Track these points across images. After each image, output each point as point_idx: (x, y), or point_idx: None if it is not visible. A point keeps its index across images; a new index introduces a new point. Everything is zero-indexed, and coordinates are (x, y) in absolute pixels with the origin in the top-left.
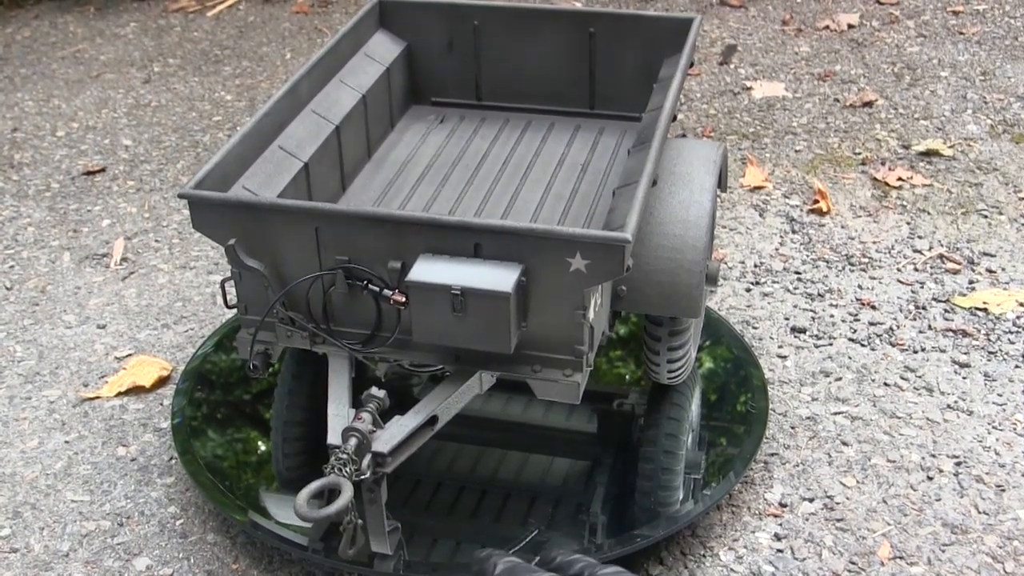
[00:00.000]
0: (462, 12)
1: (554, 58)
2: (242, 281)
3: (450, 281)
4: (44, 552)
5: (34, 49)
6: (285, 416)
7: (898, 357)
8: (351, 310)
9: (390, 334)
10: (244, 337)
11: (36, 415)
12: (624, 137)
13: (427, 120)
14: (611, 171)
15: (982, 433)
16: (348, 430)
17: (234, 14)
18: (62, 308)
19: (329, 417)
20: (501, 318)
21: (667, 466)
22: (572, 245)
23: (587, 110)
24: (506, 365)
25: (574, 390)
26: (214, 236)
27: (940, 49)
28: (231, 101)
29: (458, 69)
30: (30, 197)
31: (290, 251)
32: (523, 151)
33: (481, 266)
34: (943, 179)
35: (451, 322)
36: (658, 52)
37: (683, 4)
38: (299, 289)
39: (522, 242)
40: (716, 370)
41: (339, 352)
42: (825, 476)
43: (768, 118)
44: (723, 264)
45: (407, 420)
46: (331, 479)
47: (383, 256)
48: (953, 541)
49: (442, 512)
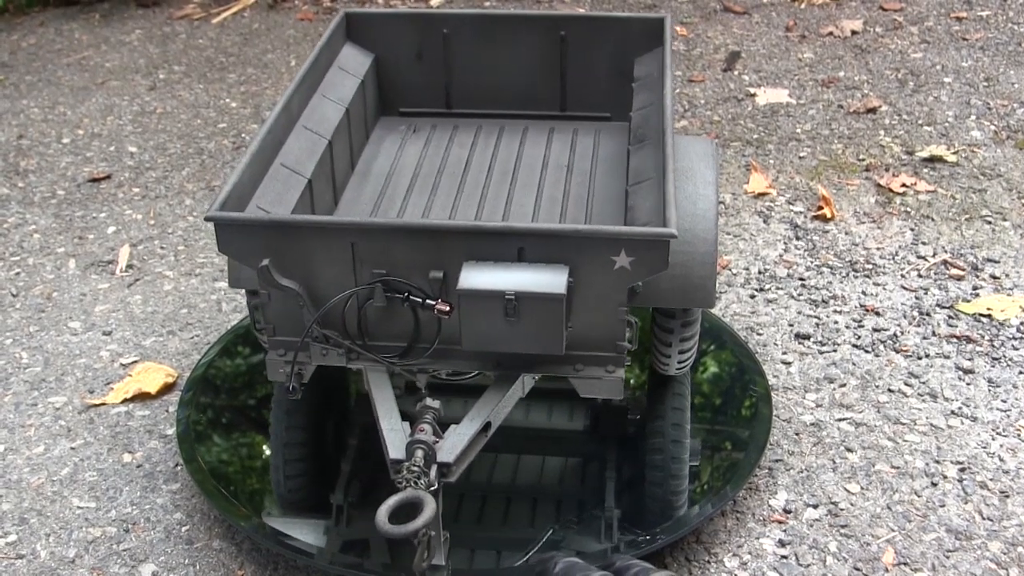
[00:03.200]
0: (431, 21)
1: (525, 62)
2: (271, 302)
3: (503, 287)
4: (50, 558)
5: (40, 56)
6: (285, 438)
7: (902, 363)
8: (386, 323)
9: (429, 345)
10: (275, 359)
11: (42, 422)
12: (599, 137)
13: (399, 131)
14: (596, 171)
15: (986, 439)
16: (414, 443)
17: (239, 21)
18: (68, 315)
19: (384, 432)
20: (554, 320)
21: (676, 455)
22: (617, 243)
23: (558, 112)
24: (548, 366)
25: (617, 386)
26: (243, 258)
27: (944, 55)
28: (236, 108)
29: (427, 78)
30: (36, 204)
31: (324, 268)
32: (504, 156)
33: (530, 270)
34: (947, 185)
35: (503, 327)
36: (628, 52)
37: (687, 10)
38: (335, 305)
39: (566, 243)
40: (720, 376)
41: (376, 367)
42: (829, 482)
43: (772, 124)
44: (728, 271)
45: (464, 429)
46: (411, 493)
47: (423, 267)
48: (957, 547)
49: (447, 520)
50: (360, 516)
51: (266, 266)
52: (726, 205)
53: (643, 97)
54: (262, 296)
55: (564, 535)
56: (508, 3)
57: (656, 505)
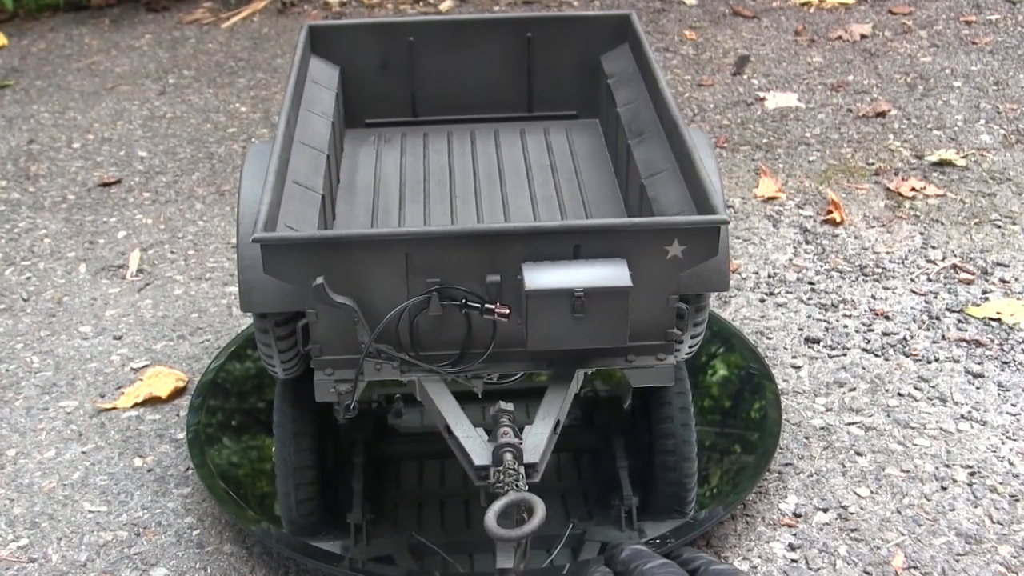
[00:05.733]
0: (396, 30)
1: (491, 66)
2: (319, 321)
3: (571, 284)
4: (62, 562)
5: (50, 61)
6: (295, 462)
7: (912, 367)
8: (436, 332)
9: (482, 350)
10: (324, 380)
11: (53, 426)
12: (571, 135)
13: (370, 142)
14: (580, 168)
15: (996, 443)
16: (501, 447)
17: (248, 26)
18: (78, 319)
19: (462, 440)
20: (621, 313)
21: (686, 439)
22: (670, 233)
23: (526, 113)
24: (602, 359)
25: (669, 372)
26: (293, 278)
27: (953, 59)
28: (246, 113)
29: (392, 88)
30: (46, 209)
31: (378, 281)
32: (485, 160)
33: (593, 266)
34: (956, 189)
35: (570, 325)
36: (594, 50)
37: (696, 14)
38: (390, 318)
39: (621, 237)
40: (730, 380)
41: (430, 377)
42: (839, 486)
43: (781, 128)
44: (737, 275)
45: (540, 428)
46: (517, 496)
47: (478, 272)
48: (967, 551)
49: (460, 527)
50: (380, 533)
51: (321, 284)
52: (735, 209)
53: (626, 92)
54: (309, 316)
55: (584, 528)
56: (518, 7)
57: (671, 489)
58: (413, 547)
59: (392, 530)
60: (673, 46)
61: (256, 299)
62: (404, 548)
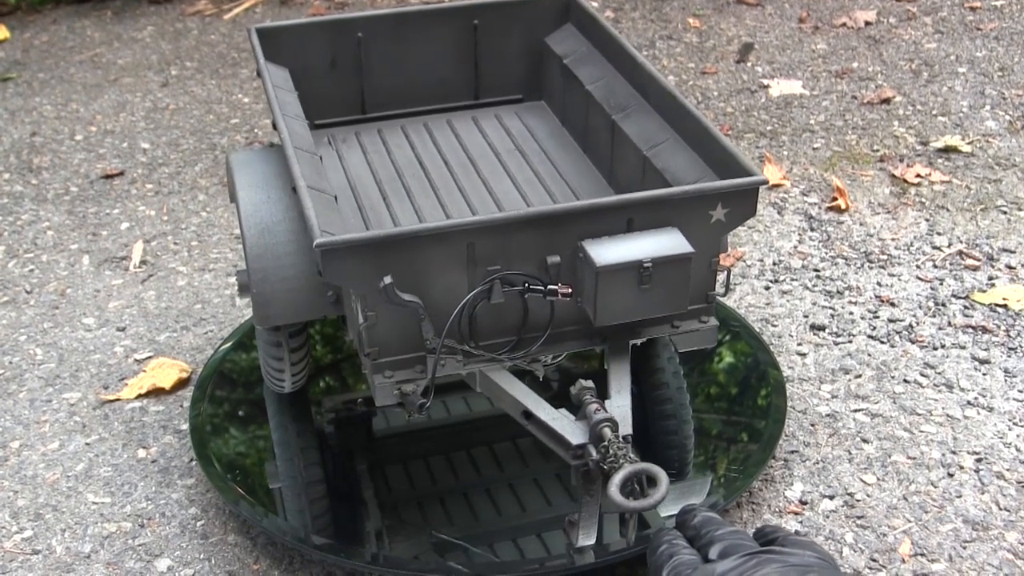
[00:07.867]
0: (344, 27)
1: (438, 56)
2: (378, 323)
3: (639, 256)
4: (66, 553)
5: (52, 54)
6: (306, 478)
7: (918, 354)
8: (493, 321)
9: (540, 333)
10: (385, 383)
11: (57, 417)
12: (524, 118)
13: (324, 144)
14: (547, 148)
15: (1003, 429)
16: (599, 423)
17: (251, 17)
18: (82, 311)
19: (549, 422)
20: (684, 279)
21: (682, 401)
22: (715, 198)
23: (473, 101)
24: (651, 328)
25: (712, 334)
26: (356, 282)
27: (958, 45)
28: (249, 104)
29: (339, 86)
30: (49, 201)
31: (441, 275)
32: (449, 150)
33: (651, 236)
34: (962, 175)
35: (637, 296)
36: (538, 32)
37: (700, 2)
38: (446, 312)
39: (670, 205)
40: (735, 367)
41: (492, 366)
42: (845, 473)
43: (786, 116)
44: (742, 262)
45: (620, 401)
46: (638, 466)
47: (537, 255)
48: (974, 538)
49: (467, 520)
50: (402, 538)
51: (391, 284)
52: None
53: (590, 70)
54: (369, 318)
55: None
56: None
57: (674, 452)
58: (436, 545)
59: (413, 532)
60: (677, 34)
61: (273, 312)
62: (427, 547)
